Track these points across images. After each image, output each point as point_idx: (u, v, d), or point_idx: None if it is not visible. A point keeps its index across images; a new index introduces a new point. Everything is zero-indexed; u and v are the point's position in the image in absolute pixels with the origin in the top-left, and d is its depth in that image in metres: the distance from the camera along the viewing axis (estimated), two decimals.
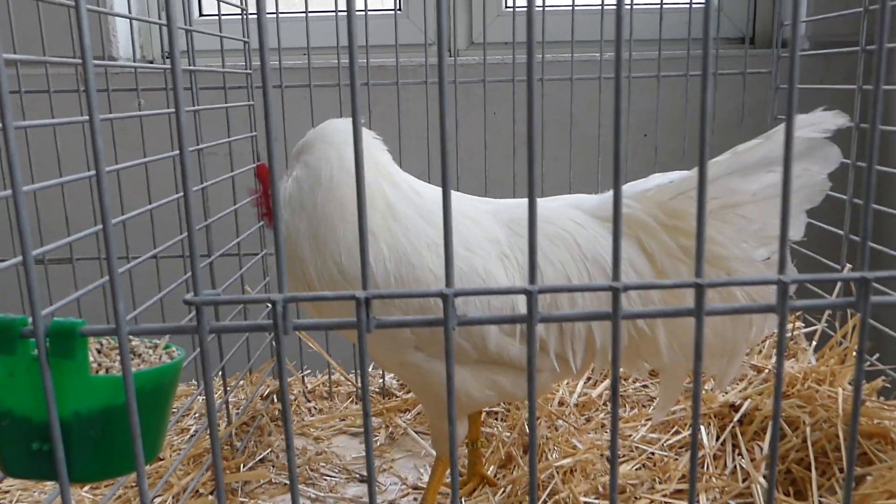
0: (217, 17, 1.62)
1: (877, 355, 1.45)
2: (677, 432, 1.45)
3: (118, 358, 0.73)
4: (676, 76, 1.78)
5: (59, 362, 0.58)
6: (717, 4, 2.27)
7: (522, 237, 1.25)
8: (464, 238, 1.21)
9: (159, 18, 2.19)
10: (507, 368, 1.24)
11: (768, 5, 2.29)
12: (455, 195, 1.30)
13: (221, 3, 1.62)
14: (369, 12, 2.22)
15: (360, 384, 1.54)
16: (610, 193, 1.33)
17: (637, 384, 1.73)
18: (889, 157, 1.89)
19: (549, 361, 1.24)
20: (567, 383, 1.71)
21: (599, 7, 1.72)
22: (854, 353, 1.40)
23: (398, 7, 2.37)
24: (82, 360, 0.59)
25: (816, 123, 1.19)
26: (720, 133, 1.88)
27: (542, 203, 1.33)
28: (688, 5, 2.07)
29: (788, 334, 1.59)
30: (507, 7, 2.36)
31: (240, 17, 1.70)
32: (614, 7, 1.95)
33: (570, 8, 1.72)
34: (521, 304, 1.21)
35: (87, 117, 1.04)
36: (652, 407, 1.61)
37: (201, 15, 2.32)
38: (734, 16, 2.28)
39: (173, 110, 1.34)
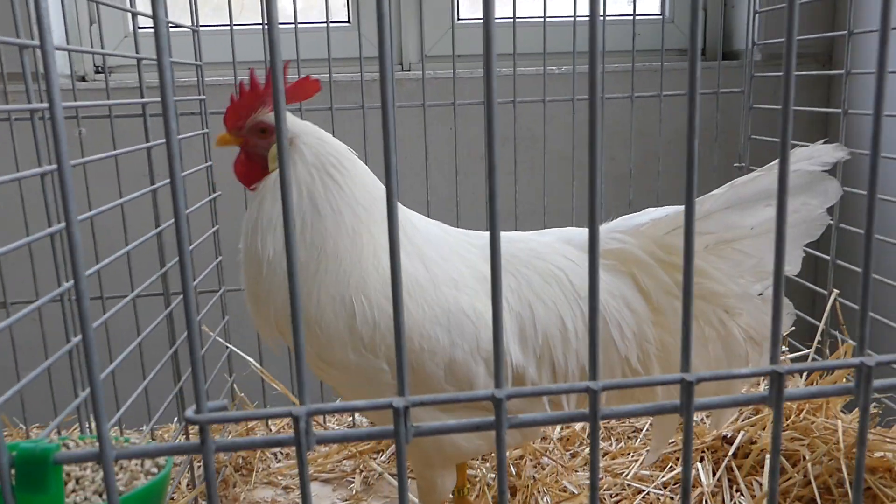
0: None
1: None
2: (671, 468, 1.41)
3: (90, 464, 0.63)
4: (650, 96, 1.73)
5: (29, 498, 0.47)
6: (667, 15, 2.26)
7: (512, 274, 1.18)
8: (450, 275, 1.14)
9: (90, 33, 2.04)
10: None
11: (717, 18, 2.28)
12: (440, 227, 1.22)
13: (171, 17, 1.50)
14: (313, 24, 2.12)
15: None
16: (602, 227, 1.27)
17: None
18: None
19: (541, 407, 1.17)
20: None
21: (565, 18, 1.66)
22: (846, 379, 1.38)
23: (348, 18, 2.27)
24: (56, 492, 0.48)
25: (815, 156, 1.16)
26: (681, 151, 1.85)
27: (532, 237, 1.26)
28: (660, 17, 2.04)
29: None
30: (459, 19, 2.29)
31: (190, 33, 1.58)
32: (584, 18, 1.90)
33: (543, 19, 1.65)
34: (512, 347, 1.14)
35: (54, 166, 0.93)
36: (640, 440, 1.56)
37: (140, 27, 2.17)
38: (683, 27, 2.26)
39: (125, 148, 1.23)
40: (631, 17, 2.15)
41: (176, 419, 1.60)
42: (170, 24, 1.50)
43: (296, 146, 1.12)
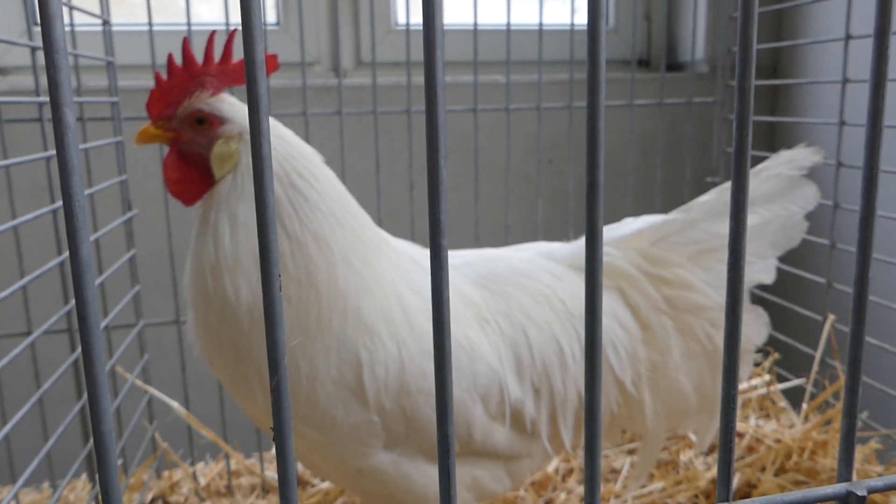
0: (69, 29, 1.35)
1: (866, 413, 1.40)
2: None
3: None
4: (620, 105, 1.69)
5: None
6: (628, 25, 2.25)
7: (499, 296, 1.10)
8: None
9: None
10: (489, 460, 1.07)
11: (662, 27, 2.28)
12: (412, 246, 1.12)
13: (76, 13, 1.34)
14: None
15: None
16: (580, 242, 1.21)
17: None
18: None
19: (541, 445, 1.09)
20: None
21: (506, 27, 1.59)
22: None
23: (278, 20, 2.16)
24: None
25: (795, 160, 1.16)
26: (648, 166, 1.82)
27: (511, 253, 1.19)
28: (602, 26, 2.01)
29: (764, 391, 1.52)
30: (397, 24, 2.21)
31: (100, 29, 1.42)
32: (526, 27, 1.85)
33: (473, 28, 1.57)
34: (510, 380, 1.05)
35: None
36: (620, 482, 1.48)
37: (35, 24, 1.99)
38: (628, 37, 2.24)
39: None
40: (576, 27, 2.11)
41: (85, 475, 1.42)
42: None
43: (246, 143, 0.95)
